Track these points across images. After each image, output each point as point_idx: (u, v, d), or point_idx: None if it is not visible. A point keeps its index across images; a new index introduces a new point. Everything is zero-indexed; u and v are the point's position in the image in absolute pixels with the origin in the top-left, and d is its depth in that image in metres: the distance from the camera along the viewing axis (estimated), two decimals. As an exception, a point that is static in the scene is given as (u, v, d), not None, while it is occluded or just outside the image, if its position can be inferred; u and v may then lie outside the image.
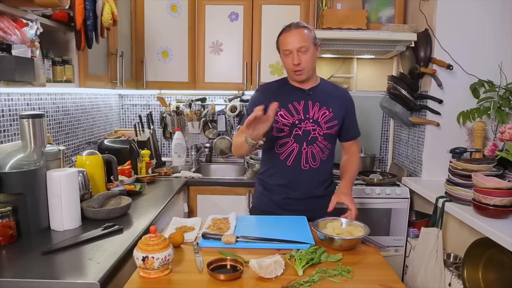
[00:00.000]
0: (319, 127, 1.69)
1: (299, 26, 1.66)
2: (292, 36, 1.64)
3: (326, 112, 1.70)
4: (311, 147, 1.69)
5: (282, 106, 1.67)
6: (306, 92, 1.72)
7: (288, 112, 1.68)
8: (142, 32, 2.59)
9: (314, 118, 1.69)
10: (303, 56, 1.64)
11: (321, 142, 1.70)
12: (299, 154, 1.69)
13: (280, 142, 1.71)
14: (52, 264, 1.17)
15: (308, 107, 1.70)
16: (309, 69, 1.68)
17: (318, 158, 1.71)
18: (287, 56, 1.66)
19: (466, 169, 1.89)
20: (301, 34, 1.63)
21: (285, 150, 1.71)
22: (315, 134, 1.69)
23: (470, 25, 2.26)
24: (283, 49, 1.66)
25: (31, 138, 1.48)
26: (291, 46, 1.63)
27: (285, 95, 1.72)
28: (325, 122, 1.69)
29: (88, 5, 1.59)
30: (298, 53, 1.63)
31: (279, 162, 1.72)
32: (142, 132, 2.83)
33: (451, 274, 1.90)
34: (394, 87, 2.47)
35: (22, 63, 1.32)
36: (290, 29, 1.65)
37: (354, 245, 1.33)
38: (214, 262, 1.14)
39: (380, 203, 2.38)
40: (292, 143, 1.69)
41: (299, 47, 1.62)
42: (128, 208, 1.67)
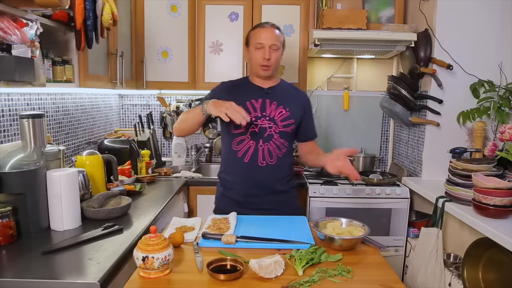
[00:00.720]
0: (275, 125, 1.73)
1: (274, 26, 1.75)
2: (267, 32, 1.72)
3: (283, 111, 1.75)
4: (267, 144, 1.72)
5: (240, 103, 1.67)
6: (265, 91, 1.78)
7: (245, 109, 1.69)
8: (142, 32, 2.59)
9: (271, 116, 1.73)
10: (274, 53, 1.71)
11: (277, 139, 1.74)
12: (256, 151, 1.72)
13: (237, 140, 1.74)
14: (52, 264, 1.17)
15: (265, 105, 1.75)
16: (275, 68, 1.76)
17: (275, 154, 1.74)
18: (258, 49, 1.72)
19: (466, 169, 1.89)
20: (275, 33, 1.72)
21: (242, 148, 1.74)
22: (271, 132, 1.73)
23: (470, 25, 2.26)
24: (256, 41, 1.72)
25: (31, 138, 1.48)
26: (264, 41, 1.70)
27: (244, 92, 1.78)
28: (281, 120, 1.74)
29: (88, 5, 1.59)
30: (269, 49, 1.70)
31: (236, 160, 1.75)
32: (142, 132, 2.83)
33: (451, 274, 1.90)
34: (394, 87, 2.47)
35: (22, 63, 1.32)
36: (266, 26, 1.74)
37: (354, 245, 1.33)
38: (214, 262, 1.14)
39: (380, 203, 2.38)
40: (249, 140, 1.73)
41: (272, 44, 1.70)
42: (128, 208, 1.67)
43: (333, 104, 2.95)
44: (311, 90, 2.93)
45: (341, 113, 2.96)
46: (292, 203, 1.84)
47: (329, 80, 2.99)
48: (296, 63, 2.65)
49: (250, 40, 1.77)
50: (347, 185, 2.44)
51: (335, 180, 2.53)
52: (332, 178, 2.58)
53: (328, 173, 2.64)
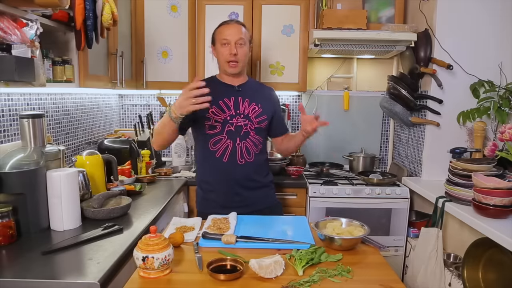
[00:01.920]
0: (250, 122, 1.75)
1: (239, 23, 1.77)
2: (232, 28, 1.73)
3: (256, 108, 1.77)
4: (244, 142, 1.75)
5: (213, 103, 1.68)
6: (236, 89, 1.79)
7: (219, 108, 1.74)
8: (142, 32, 2.59)
9: (245, 113, 1.75)
10: (240, 49, 1.72)
11: (253, 136, 1.77)
12: (234, 149, 1.74)
13: (214, 140, 1.75)
14: (52, 264, 1.17)
15: (238, 103, 1.76)
16: (243, 64, 1.77)
17: (252, 152, 1.77)
18: (224, 45, 1.72)
19: (466, 169, 1.89)
20: (240, 29, 1.74)
21: (219, 147, 1.75)
22: (247, 129, 1.75)
23: (470, 25, 2.26)
24: (222, 38, 1.73)
25: (31, 138, 1.48)
26: (229, 37, 1.71)
27: (215, 92, 1.68)
28: (255, 117, 1.76)
29: (88, 5, 1.59)
30: (235, 45, 1.71)
31: (215, 160, 1.75)
32: (142, 132, 2.83)
33: (451, 274, 1.90)
34: (394, 87, 2.47)
35: (22, 63, 1.32)
36: (230, 22, 1.75)
37: (354, 245, 1.33)
38: (214, 262, 1.14)
39: (380, 203, 2.38)
40: (226, 139, 1.74)
41: (238, 39, 1.71)
42: (128, 208, 1.67)
43: (333, 104, 2.95)
44: (311, 90, 2.93)
45: (341, 113, 2.96)
46: (271, 196, 1.90)
47: (329, 80, 2.99)
48: (296, 63, 2.65)
49: (215, 38, 1.78)
50: (347, 185, 2.44)
51: (335, 180, 2.53)
52: (332, 178, 2.58)
53: (329, 173, 2.68)
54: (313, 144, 2.97)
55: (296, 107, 3.01)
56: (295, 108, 3.01)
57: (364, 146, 2.86)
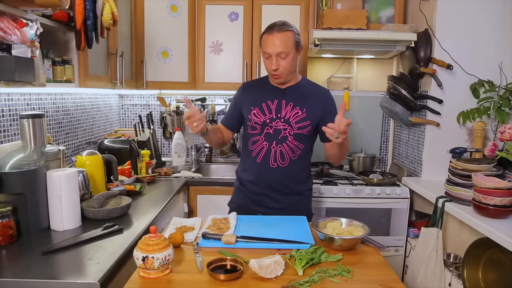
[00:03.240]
0: (289, 127, 1.71)
1: (282, 30, 1.63)
2: (273, 39, 1.62)
3: (299, 112, 1.71)
4: (280, 146, 1.72)
5: (256, 105, 1.71)
6: (282, 91, 1.75)
7: (260, 110, 1.73)
8: (142, 32, 2.59)
9: (286, 118, 1.71)
10: (282, 61, 1.64)
11: (291, 141, 1.72)
12: (268, 152, 1.73)
13: (252, 140, 1.76)
14: (52, 264, 1.17)
15: (281, 106, 1.72)
16: (287, 74, 1.69)
17: (287, 157, 1.73)
18: (267, 58, 1.67)
19: (466, 169, 1.89)
20: (282, 38, 1.61)
21: (256, 148, 1.75)
22: (285, 134, 1.71)
23: (470, 25, 2.26)
24: (263, 51, 1.67)
25: (31, 138, 1.48)
26: (270, 50, 1.63)
27: (261, 93, 1.76)
28: (296, 122, 1.71)
29: (88, 5, 1.59)
30: (277, 57, 1.63)
31: (251, 159, 1.77)
32: (142, 132, 2.83)
33: (451, 274, 1.90)
34: (394, 87, 2.47)
35: (22, 63, 1.32)
36: (272, 32, 1.63)
37: (354, 245, 1.33)
38: (214, 262, 1.15)
39: (380, 203, 2.38)
40: (263, 141, 1.73)
41: (279, 52, 1.62)
42: (128, 208, 1.67)
43: (333, 104, 2.95)
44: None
45: (341, 113, 2.95)
46: (304, 206, 1.83)
47: (329, 80, 2.99)
48: (296, 63, 2.65)
49: (261, 46, 1.71)
50: (347, 185, 2.44)
51: (335, 180, 2.53)
52: (332, 178, 2.58)
53: (329, 173, 2.67)
54: (313, 144, 2.97)
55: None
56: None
57: (364, 146, 2.86)
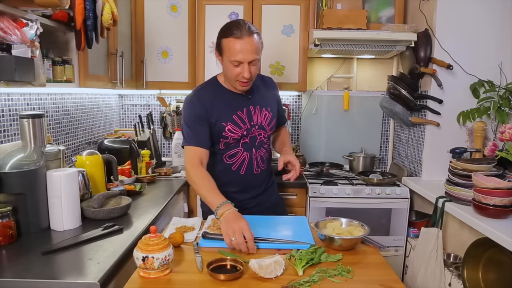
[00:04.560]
0: (264, 131, 1.68)
1: (251, 33, 1.46)
2: (245, 45, 1.44)
3: (267, 113, 1.67)
4: (259, 151, 1.69)
5: (228, 119, 1.58)
6: (246, 97, 1.63)
7: (235, 124, 1.60)
8: (142, 32, 2.59)
9: (259, 123, 1.65)
10: (253, 68, 1.50)
11: (266, 143, 1.72)
12: (251, 161, 1.68)
13: (229, 153, 1.65)
14: (52, 264, 1.17)
15: (251, 113, 1.63)
16: (254, 79, 1.58)
17: (266, 159, 1.74)
18: (235, 66, 1.48)
19: (466, 169, 1.89)
20: (253, 44, 1.45)
21: (236, 161, 1.66)
22: (261, 138, 1.68)
23: (470, 25, 2.26)
24: (232, 59, 1.46)
25: (31, 138, 1.48)
26: (242, 57, 1.45)
27: (226, 104, 1.60)
28: (268, 124, 1.68)
29: (88, 5, 1.59)
30: (249, 65, 1.47)
31: (231, 173, 1.65)
32: (142, 132, 2.83)
33: (451, 274, 1.90)
34: (394, 87, 2.47)
35: (22, 63, 1.32)
36: (242, 36, 1.44)
37: (354, 245, 1.33)
38: (214, 262, 1.15)
39: (380, 203, 2.38)
40: (242, 152, 1.65)
41: (252, 60, 1.46)
42: (128, 208, 1.67)
43: (333, 104, 2.95)
44: (311, 90, 2.92)
45: (341, 113, 2.96)
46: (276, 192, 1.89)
47: (329, 80, 2.99)
48: (296, 63, 2.65)
49: (223, 49, 1.49)
50: (347, 185, 2.44)
51: (335, 180, 2.53)
52: (332, 178, 2.58)
53: (329, 173, 2.68)
54: (313, 144, 2.98)
55: (296, 107, 3.01)
56: (295, 108, 3.01)
57: (364, 146, 2.86)
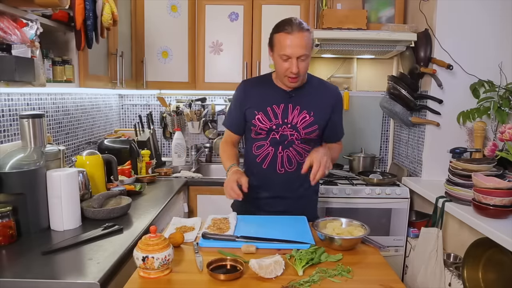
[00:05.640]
0: (297, 133, 1.62)
1: (302, 29, 1.48)
2: (295, 40, 1.46)
3: (307, 117, 1.61)
4: (287, 151, 1.63)
5: (261, 109, 1.61)
6: (289, 94, 1.62)
7: (266, 116, 1.61)
8: (142, 32, 2.59)
9: (293, 123, 1.61)
10: (302, 64, 1.50)
11: (298, 145, 1.64)
12: (275, 157, 1.64)
13: (257, 144, 1.67)
14: (52, 264, 1.17)
15: (287, 111, 1.61)
16: (304, 76, 1.58)
17: (295, 161, 1.65)
18: (284, 60, 1.51)
19: (466, 169, 1.89)
20: (304, 40, 1.47)
21: (261, 153, 1.66)
22: (292, 139, 1.62)
23: (470, 25, 2.26)
24: (281, 53, 1.49)
25: (31, 138, 1.48)
26: (291, 52, 1.47)
27: (266, 96, 1.63)
28: (303, 128, 1.61)
29: (88, 5, 1.59)
30: (298, 60, 1.48)
31: (255, 164, 1.68)
32: (142, 132, 2.83)
33: (451, 274, 1.90)
34: (394, 87, 2.47)
35: (22, 63, 1.32)
36: (291, 31, 1.47)
37: (354, 245, 1.33)
38: (214, 262, 1.15)
39: (380, 203, 2.38)
40: (268, 146, 1.64)
41: (301, 55, 1.48)
42: (128, 208, 1.67)
43: (333, 104, 2.94)
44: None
45: (341, 113, 2.95)
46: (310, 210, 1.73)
47: (329, 80, 2.99)
48: (296, 63, 2.65)
49: (274, 45, 1.53)
50: (347, 185, 2.44)
51: (335, 180, 2.53)
52: (332, 178, 2.58)
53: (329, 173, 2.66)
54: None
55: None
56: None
57: (364, 146, 2.86)
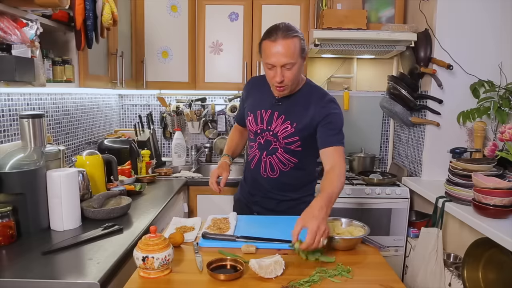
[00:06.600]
0: (277, 141, 1.62)
1: (287, 36, 1.42)
2: (277, 48, 1.42)
3: (288, 127, 1.58)
4: (270, 158, 1.65)
5: (253, 111, 1.67)
6: (276, 101, 1.61)
7: (254, 119, 1.66)
8: (142, 32, 2.59)
9: (274, 131, 1.61)
10: (287, 73, 1.45)
11: (281, 154, 1.63)
12: (259, 161, 1.69)
13: (250, 144, 1.76)
14: (52, 264, 1.17)
15: (272, 118, 1.61)
16: (292, 84, 1.52)
17: (277, 169, 1.65)
18: (269, 69, 1.48)
19: (466, 169, 1.89)
20: (288, 47, 1.42)
21: (251, 153, 1.74)
22: (275, 146, 1.64)
23: (470, 25, 2.26)
24: (266, 61, 1.46)
25: (31, 138, 1.48)
26: (274, 60, 1.43)
27: (260, 99, 1.67)
28: (283, 138, 1.59)
29: (88, 5, 1.59)
30: (282, 69, 1.44)
31: (248, 162, 1.79)
32: (142, 132, 2.83)
33: (451, 274, 1.90)
34: (394, 87, 2.47)
35: (22, 63, 1.32)
36: (275, 39, 1.42)
37: (354, 245, 1.33)
38: (214, 262, 1.15)
39: (380, 203, 2.38)
40: (256, 148, 1.70)
41: (284, 63, 1.43)
42: (128, 208, 1.67)
43: (333, 104, 2.95)
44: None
45: (341, 113, 2.95)
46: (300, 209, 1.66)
47: (329, 80, 2.99)
48: (296, 63, 2.65)
49: (262, 52, 1.51)
50: (347, 185, 2.43)
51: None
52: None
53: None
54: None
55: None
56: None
57: (364, 146, 2.86)
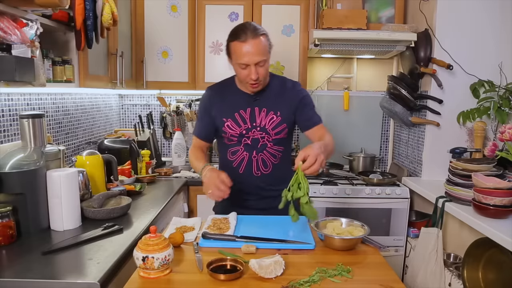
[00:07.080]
0: (267, 135, 1.63)
1: (257, 35, 1.48)
2: (250, 47, 1.46)
3: (274, 117, 1.62)
4: (261, 154, 1.65)
5: (229, 116, 1.63)
6: (253, 98, 1.63)
7: (234, 122, 1.63)
8: (142, 32, 2.59)
9: (262, 126, 1.62)
10: (261, 69, 1.51)
11: (271, 148, 1.65)
12: (250, 161, 1.66)
13: (231, 150, 1.68)
14: (52, 264, 1.17)
15: (254, 114, 1.62)
16: (265, 79, 1.58)
17: (270, 163, 1.67)
18: (243, 69, 1.52)
19: (466, 169, 1.89)
20: (260, 46, 1.48)
21: (236, 158, 1.68)
22: (264, 141, 1.63)
23: (470, 25, 2.26)
24: (238, 62, 1.50)
25: (31, 138, 1.48)
26: (247, 60, 1.48)
27: (231, 101, 1.65)
28: (272, 129, 1.62)
29: (88, 5, 1.59)
30: (256, 66, 1.49)
31: (232, 169, 1.67)
32: (142, 132, 2.83)
33: (451, 274, 1.90)
34: (394, 87, 2.47)
35: (22, 63, 1.32)
36: (246, 39, 1.47)
37: (354, 245, 1.33)
38: (214, 262, 1.14)
39: (380, 203, 2.38)
40: (242, 151, 1.66)
41: (258, 61, 1.48)
42: (128, 208, 1.67)
43: (333, 104, 2.95)
44: (311, 90, 2.92)
45: (341, 113, 2.96)
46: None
47: (329, 80, 2.99)
48: (296, 63, 2.65)
49: (231, 54, 1.53)
50: (347, 185, 2.44)
51: (335, 180, 2.53)
52: (332, 178, 2.58)
53: (329, 173, 2.67)
54: (313, 144, 2.97)
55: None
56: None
57: (364, 146, 2.86)
